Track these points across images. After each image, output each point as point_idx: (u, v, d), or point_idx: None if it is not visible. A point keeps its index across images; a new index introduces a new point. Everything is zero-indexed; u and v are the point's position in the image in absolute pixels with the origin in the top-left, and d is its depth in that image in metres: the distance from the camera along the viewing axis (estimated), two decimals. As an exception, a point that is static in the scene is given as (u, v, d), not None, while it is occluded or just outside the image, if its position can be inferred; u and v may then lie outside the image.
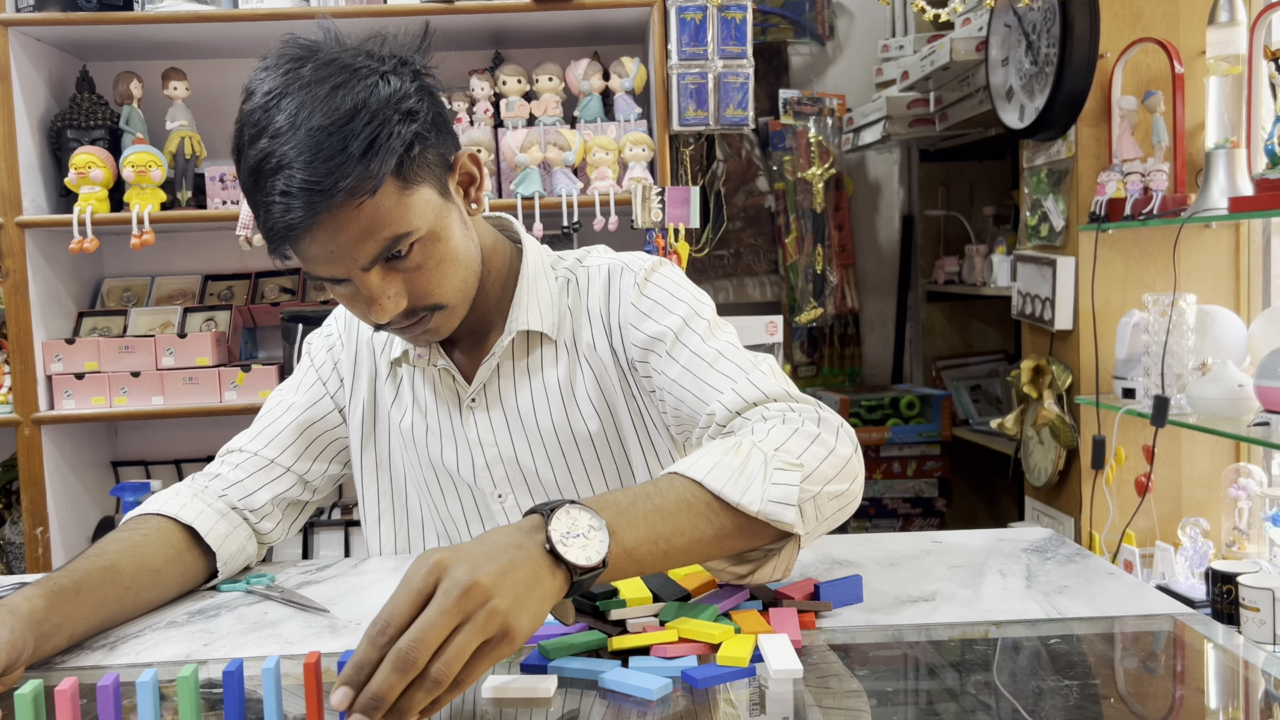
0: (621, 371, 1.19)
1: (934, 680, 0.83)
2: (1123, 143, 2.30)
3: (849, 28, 3.64)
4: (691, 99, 2.47)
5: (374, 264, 1.01)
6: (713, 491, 0.89)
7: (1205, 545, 2.16)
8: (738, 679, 0.81)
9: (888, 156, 3.68)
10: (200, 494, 1.16)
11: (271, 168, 0.96)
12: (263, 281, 2.79)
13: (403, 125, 0.99)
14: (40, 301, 2.49)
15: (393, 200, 0.99)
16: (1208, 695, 0.82)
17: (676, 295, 1.17)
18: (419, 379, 1.23)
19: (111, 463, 2.78)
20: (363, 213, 0.98)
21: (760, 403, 1.05)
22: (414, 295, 1.05)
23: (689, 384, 1.10)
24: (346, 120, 0.96)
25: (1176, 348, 2.11)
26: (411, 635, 0.70)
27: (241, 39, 2.56)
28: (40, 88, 2.53)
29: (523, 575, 0.75)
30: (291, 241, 0.99)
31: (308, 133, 0.95)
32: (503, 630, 0.73)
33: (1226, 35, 2.11)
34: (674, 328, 1.13)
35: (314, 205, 0.96)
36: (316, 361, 1.27)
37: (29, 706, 0.68)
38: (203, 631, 0.98)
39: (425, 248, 1.03)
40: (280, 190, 0.95)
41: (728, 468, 0.90)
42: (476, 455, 1.20)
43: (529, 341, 1.20)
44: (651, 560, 0.85)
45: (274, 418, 1.24)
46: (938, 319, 3.60)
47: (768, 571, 0.94)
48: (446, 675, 0.70)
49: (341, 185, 0.95)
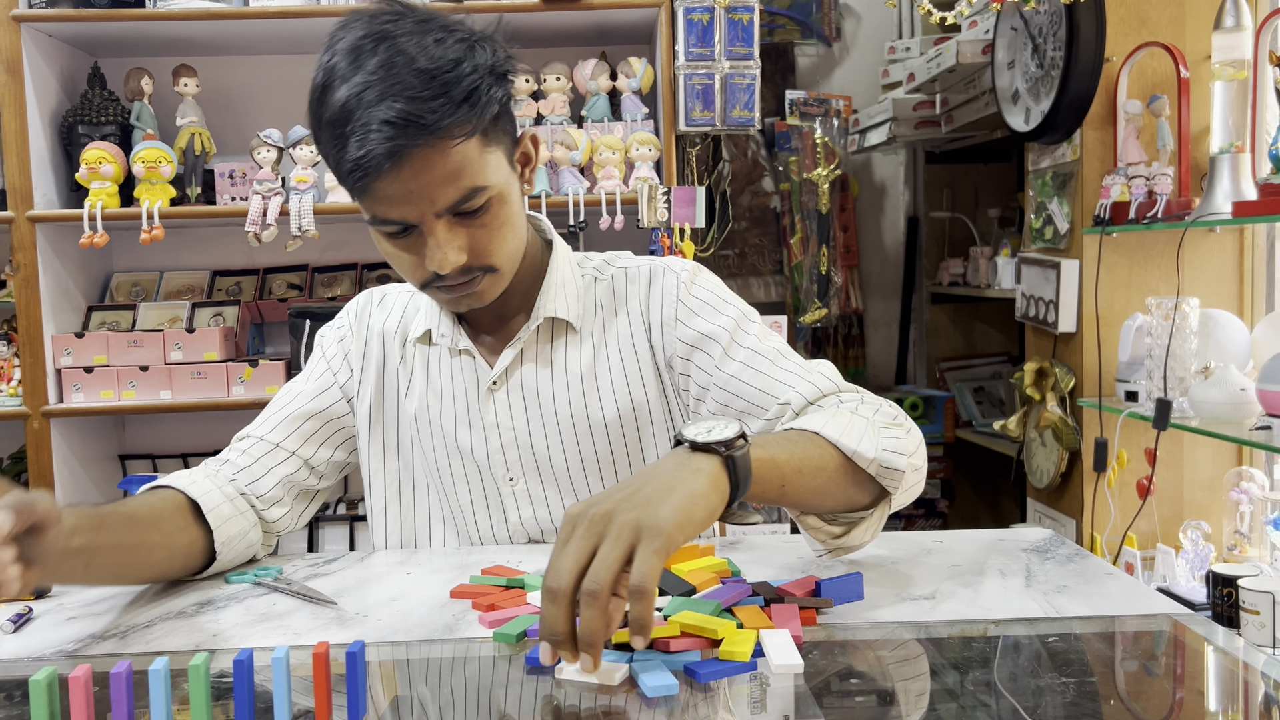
0: (656, 368, 1.22)
1: (933, 678, 0.84)
2: (1127, 146, 2.31)
3: (856, 29, 3.64)
4: (698, 99, 2.48)
5: (448, 211, 1.05)
6: (830, 440, 0.96)
7: (1206, 548, 2.17)
8: (739, 674, 0.82)
9: (893, 158, 3.68)
10: (211, 476, 1.18)
11: (372, 99, 1.00)
12: (271, 277, 2.80)
13: (497, 87, 1.07)
14: (50, 295, 2.50)
15: (476, 153, 1.05)
16: (1206, 696, 0.82)
17: (725, 299, 1.22)
18: (436, 362, 1.25)
19: (119, 456, 2.79)
20: (451, 157, 1.03)
21: (832, 393, 1.11)
22: (473, 253, 1.09)
23: (751, 378, 1.14)
24: (449, 69, 1.02)
25: (1179, 351, 2.12)
26: (551, 570, 0.76)
27: (252, 36, 2.57)
28: (52, 83, 2.55)
29: (655, 486, 0.81)
30: (377, 175, 1.01)
31: (412, 72, 1.00)
32: (638, 530, 0.77)
33: (1232, 40, 2.11)
34: (728, 327, 1.18)
35: (412, 138, 1.00)
36: (328, 353, 1.29)
37: (43, 693, 0.70)
38: (212, 622, 0.99)
39: (493, 208, 1.08)
40: (380, 119, 0.99)
41: (837, 424, 0.98)
42: (492, 438, 1.22)
43: (554, 330, 1.23)
44: (790, 473, 0.92)
45: (283, 404, 1.26)
46: (942, 321, 3.61)
47: (860, 533, 1.01)
48: (598, 583, 0.75)
49: (443, 123, 1.01)
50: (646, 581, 0.75)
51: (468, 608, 0.99)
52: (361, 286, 2.77)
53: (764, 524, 2.61)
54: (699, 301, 1.21)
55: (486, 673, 0.85)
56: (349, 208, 2.48)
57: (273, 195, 2.44)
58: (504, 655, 0.88)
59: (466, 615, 0.97)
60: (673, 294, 1.22)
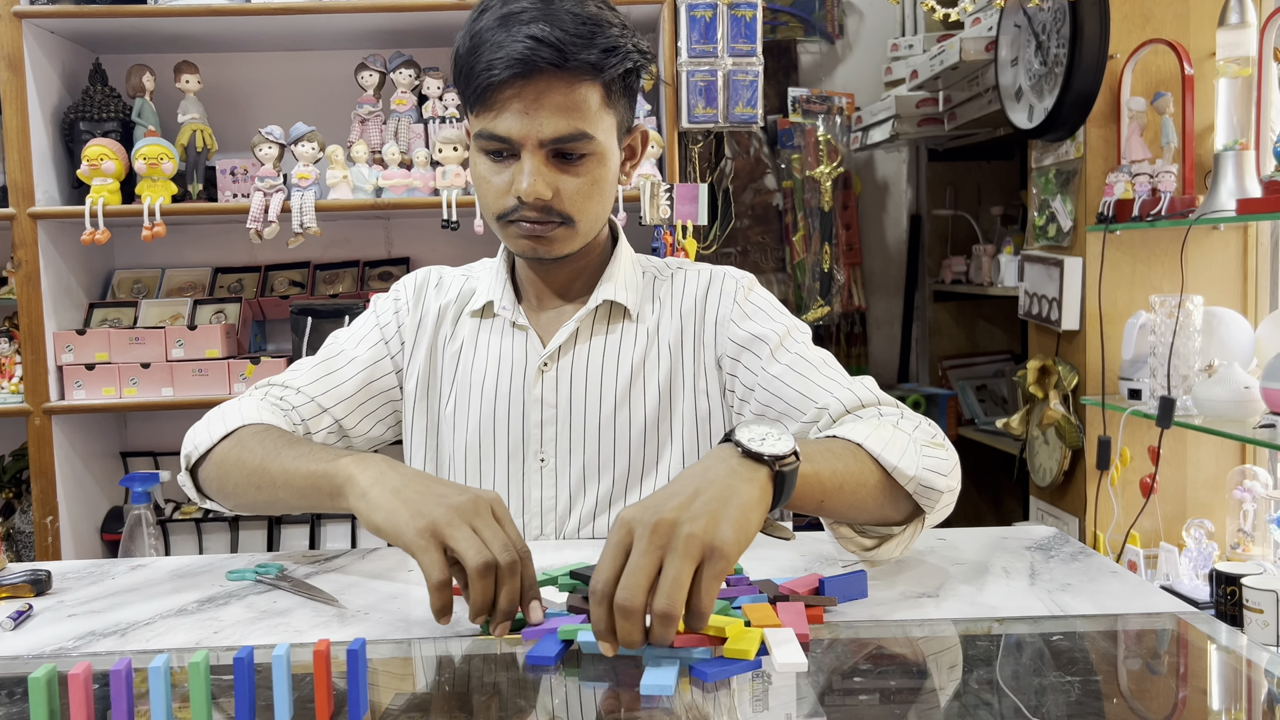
0: (704, 366, 1.24)
1: (937, 676, 0.84)
2: (1131, 144, 2.30)
3: (858, 26, 3.64)
4: (701, 96, 2.47)
5: (552, 144, 1.11)
6: (872, 454, 0.97)
7: (1209, 547, 2.16)
8: (744, 672, 0.81)
9: (896, 156, 3.68)
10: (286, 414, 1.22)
11: (528, 18, 1.08)
12: (272, 274, 2.80)
13: (636, 56, 1.15)
14: (51, 292, 2.50)
15: (596, 104, 1.12)
16: (1210, 694, 0.82)
17: (779, 309, 1.27)
18: (488, 335, 1.27)
19: (121, 453, 2.79)
20: (575, 92, 1.10)
21: (872, 404, 1.13)
22: (559, 196, 1.13)
23: (793, 380, 1.18)
24: (600, 23, 1.11)
25: (1183, 349, 2.11)
26: (623, 586, 0.76)
27: (253, 33, 2.57)
28: (53, 80, 2.55)
29: (711, 495, 0.80)
30: (504, 82, 1.08)
31: (568, 12, 1.09)
32: (706, 549, 0.77)
33: (1236, 37, 2.11)
34: (779, 332, 1.22)
35: (550, 59, 1.07)
36: (383, 320, 1.30)
37: (42, 691, 0.69)
38: (212, 620, 0.98)
39: (591, 163, 1.14)
40: (528, 35, 1.07)
41: (880, 438, 0.99)
42: (533, 413, 1.23)
43: (611, 314, 1.26)
44: (832, 487, 0.92)
45: (335, 366, 1.27)
46: (944, 318, 3.60)
47: (892, 548, 1.01)
48: (674, 605, 0.75)
49: (579, 57, 1.08)
50: (706, 609, 0.77)
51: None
52: (363, 284, 2.77)
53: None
54: (754, 307, 1.25)
55: (488, 671, 0.85)
56: (351, 204, 2.47)
57: (274, 192, 2.43)
58: (505, 653, 0.87)
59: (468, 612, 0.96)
60: (730, 296, 1.25)
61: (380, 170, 2.50)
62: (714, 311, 1.25)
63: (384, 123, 2.55)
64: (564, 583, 0.99)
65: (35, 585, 1.07)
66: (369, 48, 2.68)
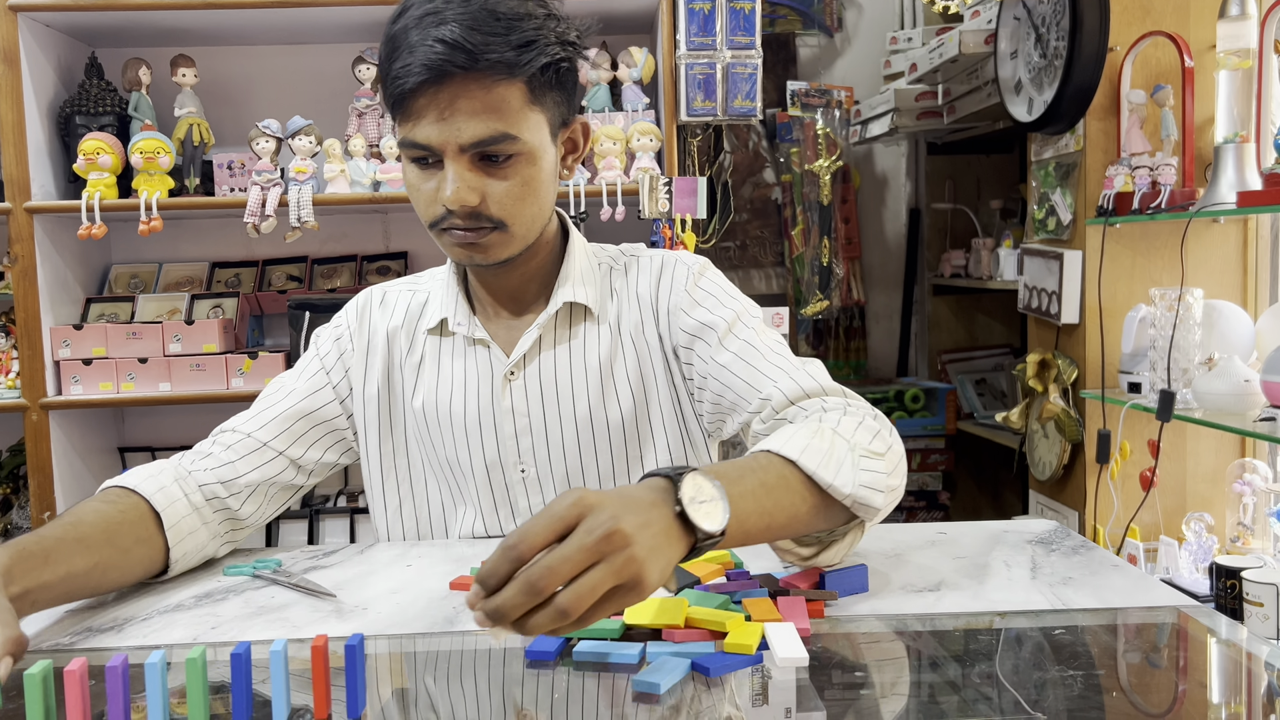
0: (664, 357, 1.22)
1: (938, 670, 0.84)
2: (1131, 136, 2.30)
3: (857, 20, 3.63)
4: (699, 89, 2.47)
5: (473, 148, 1.07)
6: (806, 471, 0.92)
7: (1209, 540, 2.16)
8: (745, 667, 0.81)
9: (895, 149, 3.67)
10: (182, 480, 1.14)
11: (436, 20, 1.04)
12: (270, 269, 2.79)
13: (557, 48, 1.10)
14: (48, 287, 2.49)
15: (518, 103, 1.08)
16: (1211, 687, 0.82)
17: (730, 293, 1.23)
18: (450, 353, 1.24)
19: (118, 448, 2.79)
20: (491, 94, 1.06)
21: (816, 394, 1.10)
22: (488, 200, 1.10)
23: (740, 370, 1.15)
24: (517, 18, 1.07)
25: (1183, 342, 2.11)
26: (545, 563, 0.72)
27: (250, 26, 2.56)
28: (49, 74, 2.54)
29: (658, 530, 0.77)
30: (415, 89, 1.05)
31: (480, 8, 1.05)
32: (635, 578, 0.74)
33: (1237, 29, 2.10)
34: (728, 319, 1.18)
35: (458, 60, 1.03)
36: (322, 351, 1.27)
37: (38, 687, 0.69)
38: (209, 615, 0.98)
39: (519, 164, 1.10)
40: (436, 38, 1.03)
41: (817, 450, 0.93)
42: (505, 425, 1.21)
43: (572, 315, 1.23)
44: (757, 532, 0.88)
45: (272, 402, 1.24)
46: (943, 312, 3.60)
47: (831, 555, 0.97)
48: (575, 609, 0.72)
49: (489, 57, 1.04)
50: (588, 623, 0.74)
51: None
52: (361, 278, 2.76)
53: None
54: (704, 293, 1.22)
55: (486, 665, 0.84)
56: (348, 198, 2.47)
57: (271, 186, 2.42)
58: (505, 648, 0.87)
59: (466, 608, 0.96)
60: (681, 284, 1.22)
61: (378, 164, 2.49)
62: (666, 301, 1.22)
63: (381, 116, 2.55)
64: None
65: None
66: (366, 41, 2.67)
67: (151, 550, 1.07)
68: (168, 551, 1.08)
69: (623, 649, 0.82)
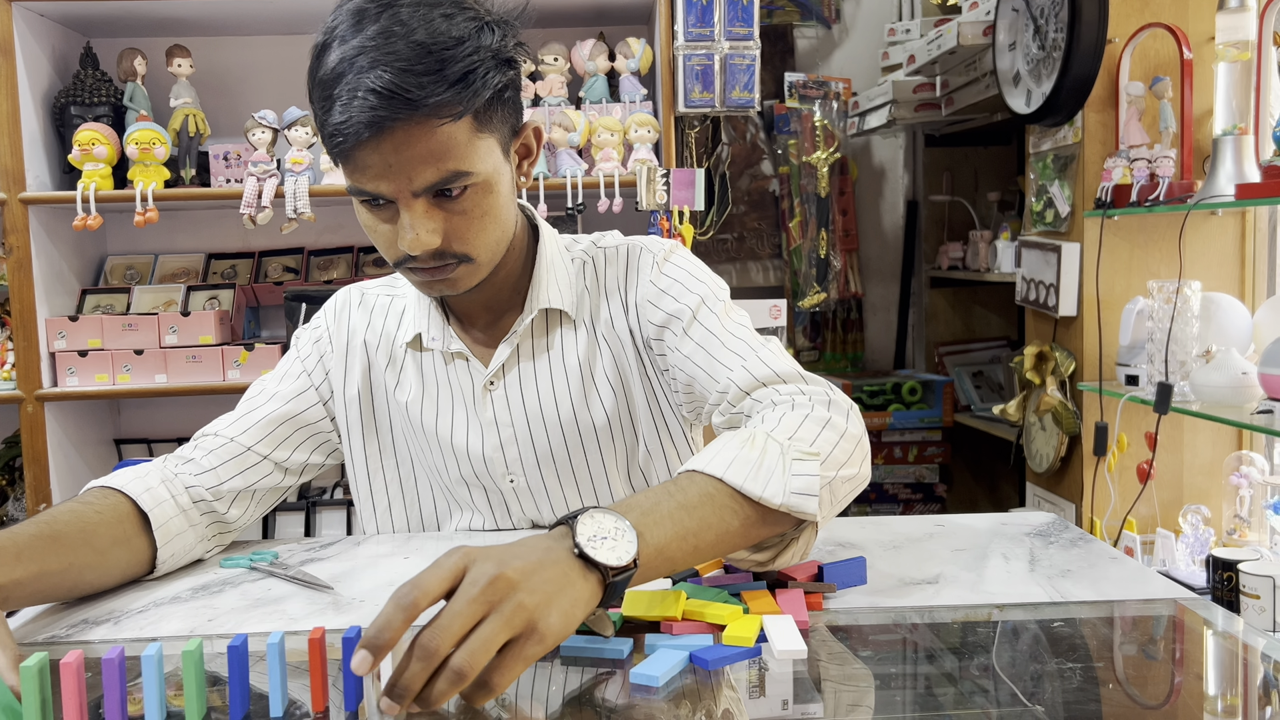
0: (638, 350, 1.20)
1: (937, 662, 0.84)
2: (1130, 129, 2.29)
3: (855, 11, 3.62)
4: (697, 80, 2.46)
5: (426, 192, 1.02)
6: (733, 486, 0.88)
7: (1206, 532, 2.16)
8: (743, 659, 0.81)
9: (893, 141, 3.66)
10: (169, 481, 1.12)
11: (364, 65, 0.97)
12: (266, 260, 2.79)
13: (497, 73, 1.02)
14: (43, 278, 2.49)
15: (465, 136, 1.01)
16: (1207, 679, 0.82)
17: (696, 276, 1.19)
18: (430, 367, 1.22)
19: (114, 440, 2.78)
20: (436, 137, 0.99)
21: (771, 381, 1.07)
22: (449, 238, 1.05)
23: (701, 360, 1.13)
24: (449, 45, 0.98)
25: (1180, 335, 2.11)
26: (435, 624, 0.69)
27: (246, 16, 2.55)
28: (44, 64, 2.53)
29: (552, 575, 0.75)
30: (358, 144, 0.98)
31: (408, 44, 0.97)
32: (529, 625, 0.71)
33: (1236, 21, 2.10)
34: (692, 306, 1.16)
35: (396, 111, 0.96)
36: (302, 354, 1.26)
37: (34, 679, 0.69)
38: (206, 607, 0.98)
39: (476, 195, 1.05)
40: (367, 88, 0.96)
41: (746, 461, 0.90)
42: (490, 436, 1.20)
43: (549, 321, 1.20)
44: (682, 556, 0.85)
45: (255, 405, 1.22)
46: (941, 305, 3.60)
47: (787, 558, 0.94)
48: (471, 666, 0.69)
49: (429, 101, 0.97)
50: (500, 686, 0.71)
51: (465, 592, 0.98)
52: (358, 269, 2.75)
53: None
54: (668, 280, 1.18)
55: (485, 658, 0.84)
56: (344, 190, 2.46)
57: (268, 177, 2.42)
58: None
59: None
60: (647, 273, 1.20)
61: (374, 155, 2.48)
62: (634, 293, 1.20)
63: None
64: None
65: None
66: (363, 32, 2.65)
67: (131, 552, 1.04)
68: (154, 552, 1.06)
69: (613, 644, 0.82)
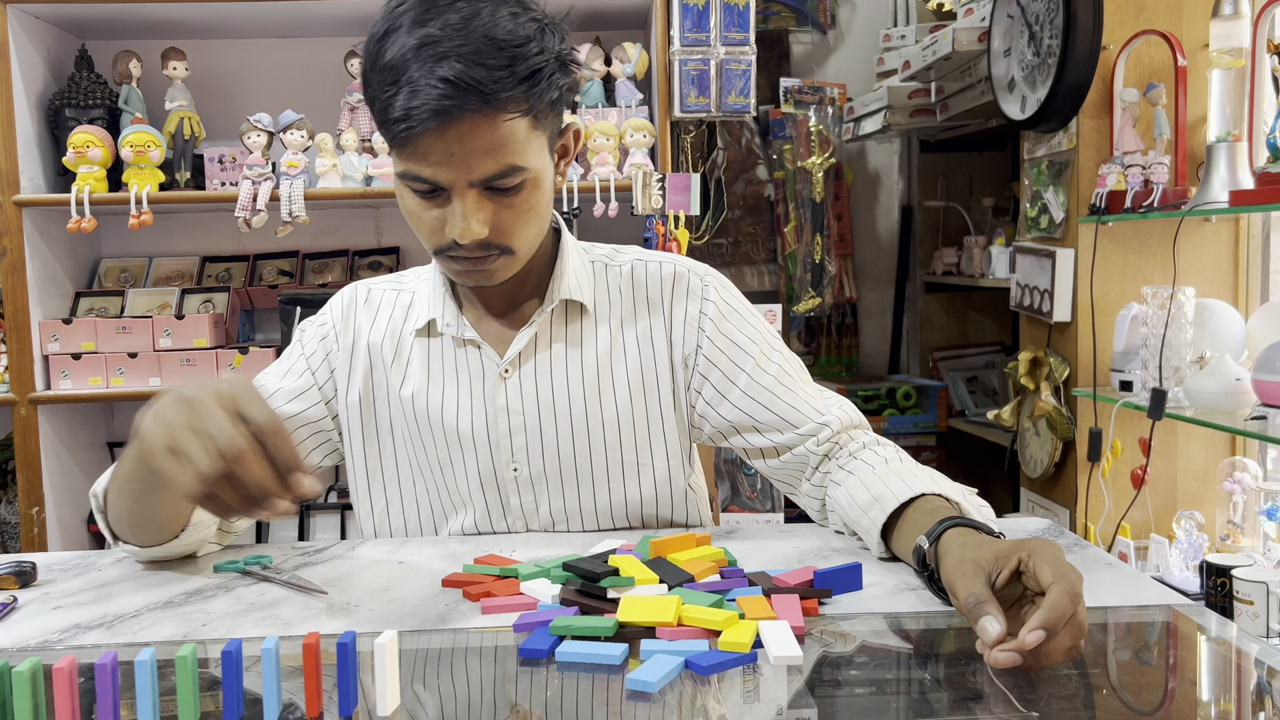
0: (671, 362, 1.22)
1: (932, 668, 0.84)
2: (1124, 135, 2.30)
3: (851, 17, 3.63)
4: (693, 85, 2.46)
5: (482, 183, 1.05)
6: (964, 513, 1.00)
7: (1200, 538, 2.17)
8: (739, 665, 0.81)
9: (888, 146, 3.67)
10: None
11: (435, 54, 0.99)
12: (261, 264, 2.78)
13: (560, 75, 1.08)
14: (37, 281, 2.48)
15: (524, 133, 1.05)
16: (1201, 685, 0.82)
17: (751, 310, 1.26)
18: (439, 354, 1.22)
19: (108, 443, 2.77)
20: (500, 130, 1.03)
21: (858, 427, 1.21)
22: (496, 230, 1.08)
23: (783, 394, 1.20)
24: (519, 44, 1.02)
25: (1175, 341, 2.11)
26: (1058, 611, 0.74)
27: (242, 19, 2.55)
28: (39, 66, 2.52)
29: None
30: (423, 131, 1.01)
31: (482, 38, 1.00)
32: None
33: (1230, 28, 2.10)
34: (757, 340, 1.22)
35: (465, 101, 1.00)
36: (308, 350, 1.26)
37: (27, 684, 0.68)
38: (200, 612, 0.97)
39: (526, 190, 1.09)
40: (440, 76, 0.99)
41: (956, 490, 1.08)
42: (500, 423, 1.20)
43: (568, 313, 1.22)
44: None
45: None
46: (935, 310, 3.60)
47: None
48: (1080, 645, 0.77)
49: (500, 95, 1.01)
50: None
51: (459, 597, 0.98)
52: (353, 273, 2.75)
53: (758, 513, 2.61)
54: (729, 307, 1.24)
55: (479, 663, 0.84)
56: (340, 193, 2.46)
57: (263, 180, 2.41)
58: (497, 646, 0.86)
59: (459, 605, 0.96)
60: (697, 294, 1.23)
61: (370, 159, 2.48)
62: (681, 309, 1.22)
63: (374, 111, 2.53)
64: (556, 575, 0.98)
65: (20, 577, 1.06)
66: (358, 35, 2.65)
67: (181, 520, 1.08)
68: (179, 532, 1.09)
69: (607, 649, 0.81)
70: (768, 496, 2.62)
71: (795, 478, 1.22)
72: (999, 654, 0.74)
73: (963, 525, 0.92)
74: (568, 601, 0.92)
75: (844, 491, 1.11)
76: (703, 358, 1.21)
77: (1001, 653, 0.74)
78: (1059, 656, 0.75)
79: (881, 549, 1.06)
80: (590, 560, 0.98)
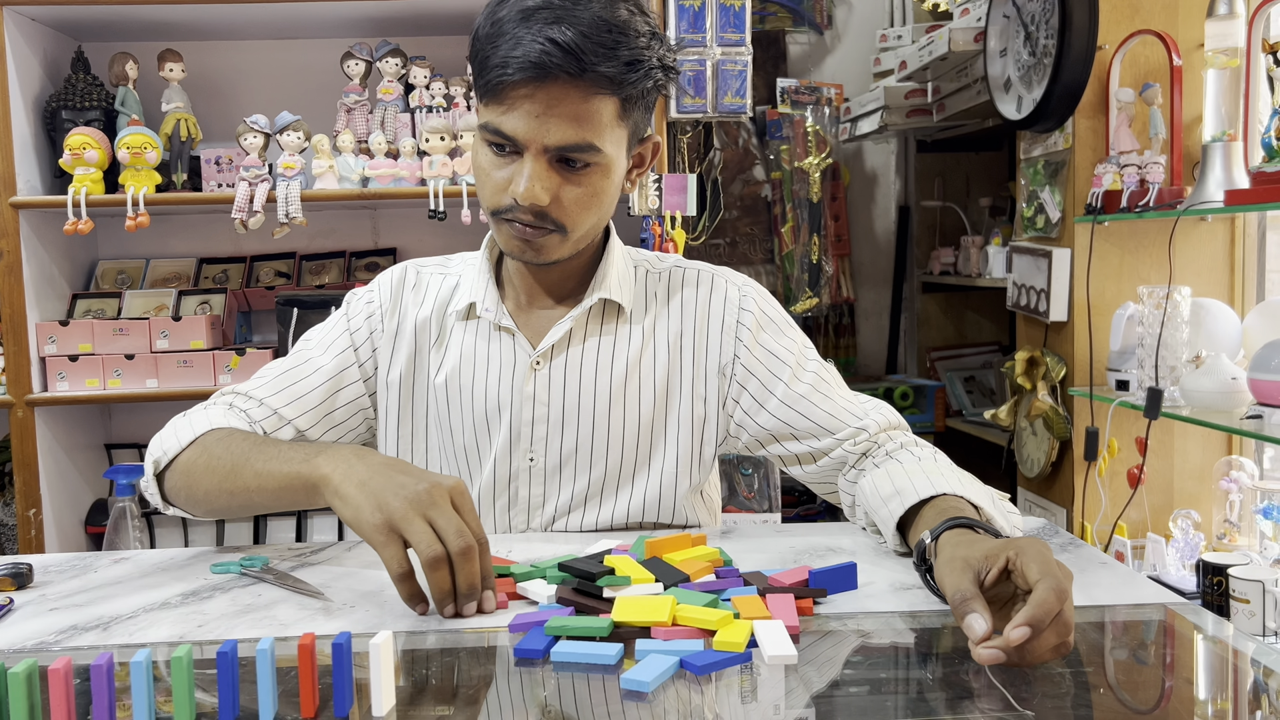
0: (705, 371, 1.23)
1: (927, 667, 0.84)
2: (1120, 135, 2.30)
3: (847, 17, 3.63)
4: (690, 86, 2.46)
5: (559, 150, 1.08)
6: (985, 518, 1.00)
7: (1196, 537, 2.17)
8: (733, 665, 0.81)
9: (884, 147, 3.67)
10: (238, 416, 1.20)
11: (551, 17, 1.04)
12: (258, 265, 2.78)
13: (659, 72, 1.12)
14: (34, 283, 2.48)
15: (609, 117, 1.09)
16: (1198, 684, 0.82)
17: (787, 319, 1.28)
18: (474, 336, 1.24)
19: (105, 445, 2.77)
20: (589, 104, 1.07)
21: (897, 428, 1.22)
22: (556, 203, 1.11)
23: (820, 401, 1.21)
24: (627, 33, 1.07)
25: (1170, 340, 2.12)
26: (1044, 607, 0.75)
27: (238, 20, 2.55)
28: (35, 68, 2.52)
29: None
30: (520, 83, 1.05)
31: (596, 15, 1.05)
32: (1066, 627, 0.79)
33: (1225, 28, 2.11)
34: (793, 349, 1.24)
35: (566, 64, 1.04)
36: (353, 325, 1.27)
37: (22, 685, 0.68)
38: (196, 613, 0.97)
39: (595, 173, 1.11)
40: (549, 37, 1.03)
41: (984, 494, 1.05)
42: (525, 411, 1.21)
43: (605, 312, 1.24)
44: None
45: (299, 375, 1.24)
46: (932, 310, 3.61)
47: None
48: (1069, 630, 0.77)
49: (599, 69, 1.05)
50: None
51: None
52: (350, 275, 2.75)
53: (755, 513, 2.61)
54: (766, 318, 1.25)
55: (476, 664, 0.84)
56: (337, 194, 2.45)
57: (259, 182, 2.41)
58: (493, 646, 0.87)
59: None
60: (735, 303, 1.24)
61: (366, 160, 2.48)
62: (718, 317, 1.24)
63: (370, 112, 2.54)
64: (552, 575, 0.98)
65: (16, 579, 1.06)
66: (355, 36, 2.65)
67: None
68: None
69: (603, 649, 0.82)
70: (765, 497, 2.63)
71: (832, 478, 1.22)
72: (984, 650, 0.75)
73: (966, 525, 0.92)
74: (563, 601, 0.92)
75: (869, 481, 1.11)
76: (740, 367, 1.22)
77: (986, 649, 0.74)
78: (1046, 654, 0.75)
79: (896, 541, 1.06)
80: (586, 560, 0.98)
